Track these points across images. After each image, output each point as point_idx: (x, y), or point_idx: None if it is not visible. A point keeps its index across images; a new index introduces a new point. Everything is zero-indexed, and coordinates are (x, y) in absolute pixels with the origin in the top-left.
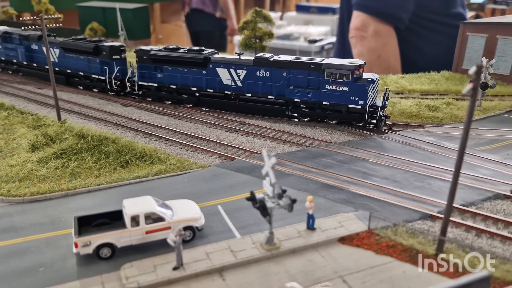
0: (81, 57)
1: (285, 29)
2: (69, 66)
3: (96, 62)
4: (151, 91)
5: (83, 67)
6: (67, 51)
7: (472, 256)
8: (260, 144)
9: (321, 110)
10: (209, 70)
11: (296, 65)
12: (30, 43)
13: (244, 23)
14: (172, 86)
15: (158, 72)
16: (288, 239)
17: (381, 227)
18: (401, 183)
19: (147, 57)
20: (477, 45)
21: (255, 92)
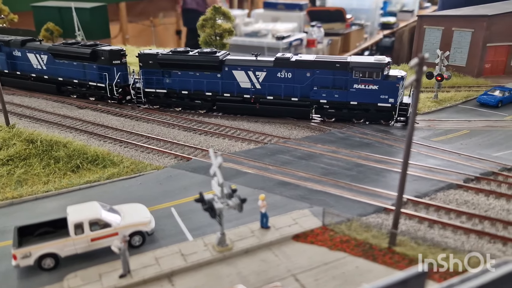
0: (75, 63)
1: (252, 26)
2: (60, 73)
3: (93, 68)
4: (159, 98)
5: (77, 74)
6: (57, 57)
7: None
8: (218, 143)
9: (347, 110)
10: (225, 73)
11: (321, 64)
12: (11, 49)
13: (203, 21)
14: (184, 92)
15: (166, 77)
16: (241, 240)
17: (336, 223)
18: (357, 177)
19: (153, 61)
20: (434, 38)
21: (277, 94)
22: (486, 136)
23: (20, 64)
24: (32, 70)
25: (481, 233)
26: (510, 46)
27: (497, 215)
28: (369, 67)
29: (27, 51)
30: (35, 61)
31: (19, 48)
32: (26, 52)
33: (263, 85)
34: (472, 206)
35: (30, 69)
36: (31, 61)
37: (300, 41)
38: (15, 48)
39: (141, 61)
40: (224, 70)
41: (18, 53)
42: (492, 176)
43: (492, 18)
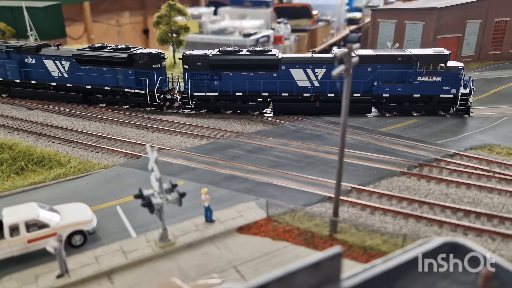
0: (105, 69)
1: (219, 24)
2: (86, 80)
3: (128, 74)
4: (209, 102)
5: (109, 81)
6: (82, 63)
7: (364, 234)
8: (170, 140)
9: (408, 103)
10: (281, 72)
11: (382, 59)
12: (23, 56)
13: (158, 18)
14: (238, 93)
15: (216, 79)
16: (184, 234)
17: (280, 213)
18: (305, 168)
19: (203, 63)
20: (387, 31)
21: (339, 91)
22: (432, 125)
23: (35, 72)
24: (51, 78)
25: (419, 217)
26: (459, 38)
27: (435, 199)
28: (434, 59)
29: (44, 58)
30: (54, 69)
31: (33, 54)
32: (43, 58)
33: (323, 82)
34: (413, 192)
35: (49, 78)
36: (49, 69)
37: (267, 37)
38: (28, 54)
39: (187, 63)
40: (281, 68)
41: (32, 60)
42: (435, 163)
43: (441, 11)
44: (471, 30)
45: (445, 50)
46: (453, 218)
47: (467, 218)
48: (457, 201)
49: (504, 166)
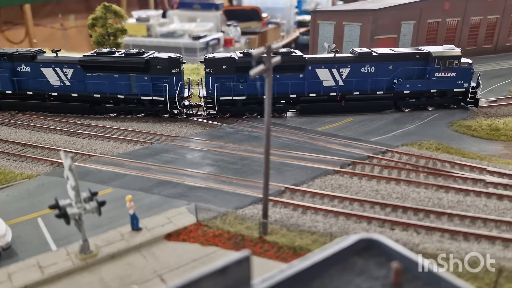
0: (116, 76)
1: (168, 27)
2: (94, 89)
3: (144, 80)
4: (235, 106)
5: (121, 88)
6: (89, 69)
7: (294, 234)
8: (102, 146)
9: (425, 98)
10: (308, 72)
11: (402, 57)
12: (16, 65)
13: (93, 20)
14: None
15: (241, 82)
16: (108, 245)
17: (211, 218)
18: (240, 170)
19: (228, 66)
20: (327, 32)
21: (363, 89)
22: (368, 123)
23: (31, 81)
24: (50, 88)
25: (348, 215)
26: (395, 38)
27: (366, 196)
28: (450, 56)
29: (41, 65)
30: (54, 77)
31: (28, 62)
32: (40, 66)
33: (348, 81)
34: (345, 190)
35: (48, 87)
36: (47, 77)
37: (217, 40)
38: (21, 62)
39: (211, 67)
40: (307, 69)
41: (27, 68)
42: (368, 160)
43: (377, 12)
44: (406, 31)
45: (456, 48)
46: (381, 214)
47: (394, 213)
48: (386, 197)
49: (432, 160)
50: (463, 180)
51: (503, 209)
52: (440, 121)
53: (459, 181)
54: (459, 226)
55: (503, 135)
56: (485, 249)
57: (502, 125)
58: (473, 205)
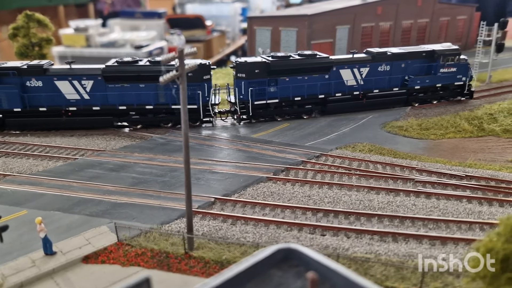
0: (142, 86)
1: (108, 37)
2: (117, 101)
3: (168, 89)
4: (268, 110)
5: (149, 98)
6: (111, 80)
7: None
8: (20, 164)
9: (431, 92)
10: (333, 73)
11: (411, 55)
12: (25, 79)
13: (14, 29)
14: (297, 98)
15: (272, 85)
16: (17, 273)
17: (133, 236)
18: (168, 183)
19: (261, 70)
20: (264, 37)
21: (382, 87)
22: (303, 127)
23: (44, 97)
24: (67, 103)
25: (279, 223)
26: (331, 43)
27: (298, 202)
28: (452, 52)
29: (56, 79)
30: (70, 90)
31: (40, 75)
32: (54, 79)
33: (367, 80)
34: (278, 197)
35: (65, 102)
36: (62, 91)
37: (160, 49)
38: (31, 76)
39: (244, 71)
40: (332, 70)
41: (38, 82)
42: (301, 165)
43: (312, 17)
44: (341, 35)
45: (453, 45)
46: (312, 220)
47: (326, 218)
48: (319, 202)
49: (365, 162)
50: (393, 180)
51: (431, 207)
52: (374, 123)
53: (390, 182)
54: (388, 227)
55: (432, 134)
56: (413, 248)
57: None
58: (402, 205)
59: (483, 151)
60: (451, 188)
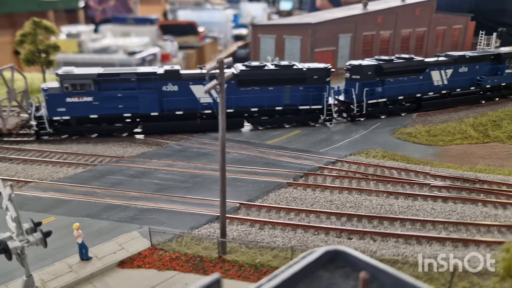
0: (270, 88)
1: (101, 43)
2: (251, 103)
3: (299, 90)
4: (376, 108)
5: (277, 100)
6: (243, 84)
7: (254, 251)
8: (39, 171)
9: (495, 91)
10: (426, 74)
11: (483, 58)
12: (162, 84)
13: (21, 36)
14: (400, 97)
15: (379, 86)
16: (55, 278)
17: (166, 241)
18: (192, 189)
19: (372, 72)
20: (268, 45)
21: (462, 86)
22: (315, 134)
23: (181, 101)
24: (201, 106)
25: (306, 227)
26: (334, 51)
27: (321, 207)
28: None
29: (191, 83)
30: (203, 94)
31: (177, 80)
32: (190, 84)
33: (451, 80)
34: (300, 202)
35: (199, 106)
36: (196, 95)
37: (153, 56)
38: (168, 81)
39: (358, 73)
40: (426, 71)
41: (174, 87)
42: (319, 171)
43: (316, 26)
44: (344, 43)
45: None
46: (337, 224)
47: (350, 222)
48: (341, 207)
49: (380, 168)
50: (410, 186)
51: (449, 211)
52: (383, 130)
53: (407, 187)
54: (411, 230)
55: (440, 140)
56: (437, 251)
57: (439, 131)
58: (421, 209)
59: (490, 157)
60: (465, 192)
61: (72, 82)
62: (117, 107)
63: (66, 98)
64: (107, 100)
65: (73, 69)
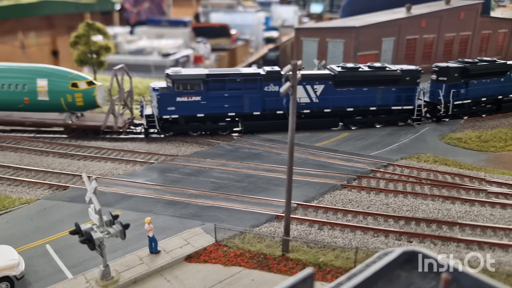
0: (365, 89)
1: (136, 44)
2: (346, 103)
3: (391, 91)
4: (461, 109)
5: (372, 100)
6: (340, 85)
7: (316, 251)
8: (99, 167)
9: None
10: (507, 77)
11: None
12: (264, 84)
13: (75, 37)
14: (483, 98)
15: (464, 88)
16: (128, 269)
17: (229, 237)
18: (248, 188)
19: (459, 73)
20: (311, 48)
21: None
22: (364, 137)
23: (280, 101)
24: (300, 106)
25: (365, 229)
26: (376, 54)
27: (378, 210)
28: None
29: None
30: (303, 94)
31: (278, 81)
32: None
33: None
34: (356, 204)
35: (298, 106)
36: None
37: (187, 57)
38: (269, 82)
39: (445, 75)
40: (507, 74)
41: (275, 87)
42: (371, 174)
43: (359, 29)
44: (387, 47)
45: None
46: (396, 227)
47: (408, 226)
48: (398, 210)
49: (433, 173)
50: (465, 191)
51: (509, 217)
52: (431, 135)
53: (462, 192)
54: (472, 236)
55: (492, 146)
56: (500, 257)
57: (490, 136)
58: (480, 214)
59: None
60: None
61: (183, 82)
62: (223, 106)
63: (176, 97)
64: (214, 100)
65: (180, 70)
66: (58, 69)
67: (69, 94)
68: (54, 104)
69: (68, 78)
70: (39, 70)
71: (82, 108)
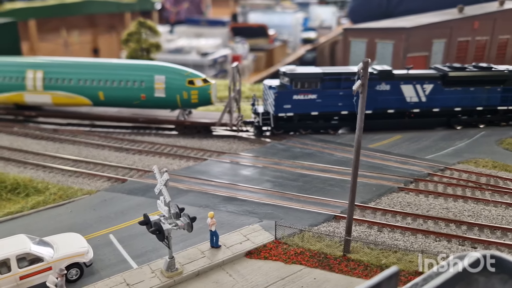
0: (472, 89)
1: (175, 43)
2: (454, 103)
3: (496, 91)
4: None
5: (479, 100)
6: (448, 84)
7: (377, 253)
8: (154, 162)
9: None
10: None
11: None
12: (376, 83)
13: (128, 35)
14: None
15: None
16: (191, 262)
17: (288, 235)
18: (303, 187)
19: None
20: (359, 49)
21: None
22: (418, 140)
23: (390, 100)
24: (405, 105)
25: (426, 232)
26: (426, 56)
27: (438, 214)
28: None
29: (402, 83)
30: (411, 94)
31: (389, 80)
32: (400, 84)
33: None
34: (415, 207)
35: (403, 105)
36: (404, 94)
37: (225, 57)
38: (381, 81)
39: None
40: None
41: (386, 86)
42: (428, 177)
43: (410, 30)
44: (437, 49)
45: None
46: (458, 232)
47: (471, 231)
48: (458, 215)
49: (493, 178)
50: None
51: None
52: (488, 139)
53: None
54: None
55: None
56: None
57: None
58: None
59: None
60: None
61: (302, 80)
62: (337, 105)
63: (293, 95)
64: (329, 98)
65: (295, 68)
66: (173, 67)
67: (185, 91)
68: (170, 101)
69: (184, 75)
70: (157, 67)
71: (196, 105)
